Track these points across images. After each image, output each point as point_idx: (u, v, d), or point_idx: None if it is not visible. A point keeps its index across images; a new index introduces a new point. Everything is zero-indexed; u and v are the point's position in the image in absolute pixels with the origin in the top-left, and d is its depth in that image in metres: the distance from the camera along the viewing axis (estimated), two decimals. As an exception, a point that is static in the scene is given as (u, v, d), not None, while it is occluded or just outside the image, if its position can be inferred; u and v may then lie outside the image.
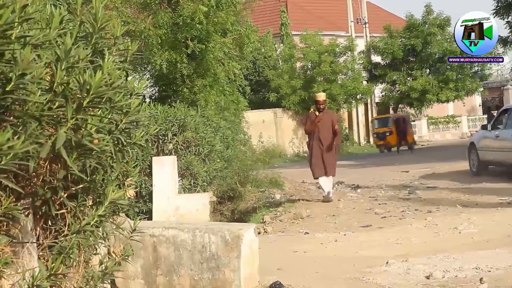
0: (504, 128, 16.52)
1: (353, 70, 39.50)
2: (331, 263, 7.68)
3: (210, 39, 16.73)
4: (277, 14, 44.87)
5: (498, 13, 26.99)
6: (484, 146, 17.42)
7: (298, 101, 38.02)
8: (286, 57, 39.93)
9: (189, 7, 15.72)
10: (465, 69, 39.70)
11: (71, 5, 3.67)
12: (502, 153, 16.15)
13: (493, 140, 16.90)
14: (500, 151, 16.29)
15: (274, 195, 14.91)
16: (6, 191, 2.96)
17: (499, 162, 16.73)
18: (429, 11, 40.39)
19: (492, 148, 16.93)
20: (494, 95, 54.64)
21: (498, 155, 16.54)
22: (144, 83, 3.97)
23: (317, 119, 13.41)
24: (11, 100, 2.86)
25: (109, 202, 3.51)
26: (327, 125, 13.46)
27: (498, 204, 11.59)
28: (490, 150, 17.04)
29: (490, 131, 17.33)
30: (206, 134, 11.51)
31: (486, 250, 7.59)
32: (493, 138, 16.94)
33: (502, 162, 16.37)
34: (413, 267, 6.95)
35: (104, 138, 3.21)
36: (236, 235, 5.57)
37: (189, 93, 17.48)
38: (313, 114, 13.64)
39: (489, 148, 17.15)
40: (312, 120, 13.51)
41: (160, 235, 5.88)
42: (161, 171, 10.17)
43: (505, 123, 16.63)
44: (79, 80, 3.00)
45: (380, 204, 12.94)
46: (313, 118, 13.53)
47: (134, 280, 5.96)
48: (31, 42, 2.89)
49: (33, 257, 3.30)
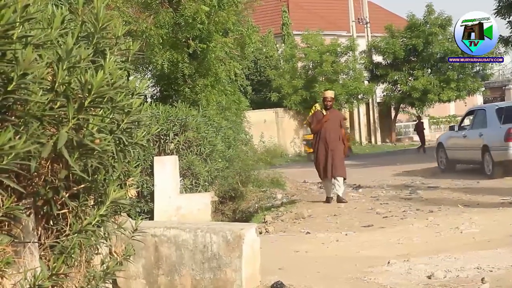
0: (471, 128, 18.31)
1: (354, 70, 39.48)
2: (332, 263, 7.68)
3: (212, 38, 16.73)
4: (278, 14, 44.85)
5: (500, 13, 26.98)
6: (452, 145, 19.08)
7: (299, 101, 38.01)
8: (287, 57, 39.92)
9: (191, 7, 15.71)
10: (467, 69, 39.65)
11: (73, 5, 3.67)
12: (470, 152, 17.71)
13: (460, 140, 18.56)
14: (468, 149, 17.87)
15: (276, 195, 14.91)
16: (8, 191, 2.96)
17: (466, 160, 18.45)
18: (430, 11, 40.35)
19: (460, 147, 18.53)
20: (495, 95, 54.59)
21: (465, 153, 18.18)
22: (146, 83, 3.98)
23: (325, 118, 12.92)
24: (13, 100, 2.86)
25: (111, 202, 3.51)
26: (334, 125, 12.99)
27: (499, 204, 11.59)
28: (458, 149, 18.68)
29: (457, 131, 19.07)
30: (207, 134, 11.51)
31: (488, 250, 7.59)
32: (460, 138, 18.62)
33: (470, 160, 18.07)
34: (414, 267, 6.95)
35: (105, 138, 3.22)
36: (237, 235, 5.57)
37: (190, 93, 17.47)
38: (320, 112, 13.16)
39: (457, 147, 18.78)
40: (319, 119, 13.01)
41: (161, 235, 5.88)
42: (163, 171, 10.17)
43: (472, 124, 18.46)
44: (81, 80, 3.00)
45: (381, 204, 12.94)
46: (320, 117, 13.03)
47: (136, 280, 5.96)
48: (32, 42, 2.89)
49: (34, 257, 3.30)
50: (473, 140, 17.64)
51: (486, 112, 17.80)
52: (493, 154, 16.42)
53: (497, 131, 16.48)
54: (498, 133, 16.36)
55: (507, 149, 15.97)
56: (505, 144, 16.03)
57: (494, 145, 16.48)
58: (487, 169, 16.67)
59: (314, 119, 13.19)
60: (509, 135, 15.98)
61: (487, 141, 16.78)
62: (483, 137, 17.06)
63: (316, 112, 13.38)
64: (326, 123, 12.88)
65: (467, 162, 18.60)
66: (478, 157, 17.05)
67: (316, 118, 13.10)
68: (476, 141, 17.29)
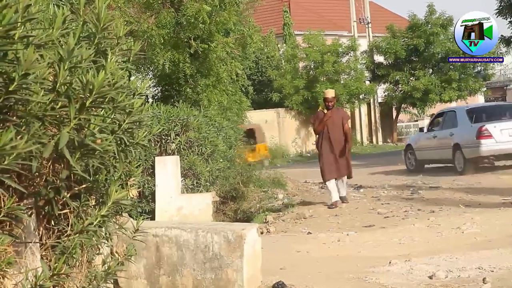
0: (441, 129, 19.64)
1: (355, 70, 39.45)
2: (333, 263, 7.68)
3: (213, 39, 16.73)
4: (279, 14, 44.84)
5: (501, 13, 26.98)
6: (421, 146, 20.25)
7: (300, 101, 38.00)
8: (288, 57, 39.90)
9: (193, 7, 15.71)
10: (468, 69, 39.61)
11: (74, 5, 3.67)
12: (440, 151, 19.03)
13: (430, 141, 19.81)
14: (438, 149, 19.15)
15: (277, 195, 14.90)
16: (9, 191, 2.96)
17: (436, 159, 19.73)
18: (431, 11, 40.31)
19: (430, 147, 19.72)
20: (497, 95, 54.57)
21: (435, 153, 19.45)
22: (147, 83, 3.99)
23: (326, 117, 12.58)
24: (14, 100, 2.86)
25: (112, 202, 3.51)
26: (337, 124, 12.63)
27: (501, 204, 11.58)
28: (428, 149, 19.87)
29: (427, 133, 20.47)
30: (209, 134, 11.50)
31: (489, 250, 7.58)
32: (431, 138, 19.89)
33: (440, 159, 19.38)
34: (416, 267, 6.95)
35: (107, 138, 3.22)
36: (239, 235, 5.57)
37: (192, 93, 17.49)
38: (322, 112, 12.87)
39: (427, 148, 19.95)
40: (321, 119, 12.70)
41: (163, 235, 5.88)
42: (164, 171, 10.17)
43: (442, 125, 19.76)
44: (82, 80, 3.01)
45: (383, 204, 12.93)
46: (322, 116, 12.73)
47: (137, 280, 5.96)
48: (34, 42, 2.90)
49: (36, 257, 3.30)
50: (443, 139, 18.98)
51: (456, 113, 19.38)
52: (465, 151, 17.91)
53: (468, 130, 18.06)
54: (470, 132, 17.93)
55: (478, 146, 17.62)
56: (477, 141, 17.66)
57: (465, 143, 17.96)
58: (458, 166, 18.16)
59: (316, 119, 12.95)
60: (480, 133, 17.64)
61: (458, 140, 18.21)
62: (454, 136, 18.47)
63: (318, 112, 13.18)
64: (329, 122, 12.56)
65: (437, 161, 19.86)
66: (449, 156, 18.48)
67: (318, 118, 12.84)
68: (447, 141, 18.66)
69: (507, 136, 17.80)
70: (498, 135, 17.78)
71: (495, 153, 17.89)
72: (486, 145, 17.69)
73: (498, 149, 17.79)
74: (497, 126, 17.98)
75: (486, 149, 17.76)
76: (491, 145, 17.72)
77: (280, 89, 38.38)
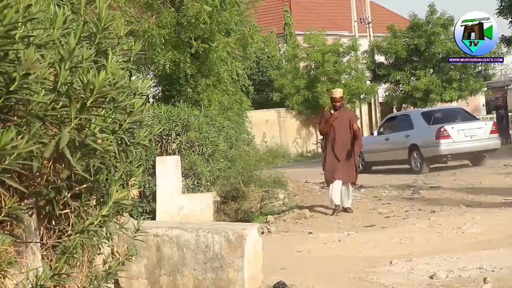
0: (393, 132, 21.21)
1: (356, 70, 39.45)
2: (334, 263, 7.68)
3: (214, 38, 16.72)
4: (280, 14, 44.85)
5: (502, 13, 27.00)
6: (371, 149, 21.22)
7: (301, 101, 38.02)
8: (289, 57, 39.91)
9: (194, 7, 15.70)
10: (469, 69, 39.58)
11: (75, 5, 3.67)
12: (394, 152, 20.51)
13: (382, 143, 21.26)
14: (392, 150, 20.61)
15: (278, 195, 14.90)
16: (10, 191, 2.96)
17: (388, 161, 21.24)
18: (432, 10, 40.28)
19: (382, 149, 21.19)
20: (498, 94, 54.52)
21: (389, 154, 20.92)
22: (148, 83, 3.98)
23: (332, 117, 11.93)
24: (15, 100, 2.86)
25: (113, 202, 3.51)
26: (344, 125, 11.96)
27: (502, 204, 11.58)
28: (379, 151, 21.32)
29: (378, 136, 21.99)
30: (209, 134, 11.50)
31: (490, 250, 7.58)
32: (382, 142, 21.35)
33: (393, 160, 20.83)
34: (416, 267, 6.95)
35: (107, 138, 3.22)
36: (239, 235, 5.57)
37: (192, 93, 17.47)
38: (328, 112, 12.26)
39: (378, 150, 21.35)
40: (327, 119, 12.07)
41: (163, 235, 5.88)
42: (165, 171, 10.17)
43: (395, 128, 21.34)
44: (83, 80, 3.01)
45: (383, 204, 12.93)
46: (328, 117, 12.10)
47: (138, 280, 5.96)
48: (34, 42, 2.90)
49: (36, 257, 3.30)
50: (398, 141, 20.53)
51: (411, 116, 21.22)
52: (424, 151, 19.54)
53: (426, 131, 19.74)
54: (428, 132, 19.60)
55: (438, 145, 19.27)
56: (436, 141, 19.33)
57: (424, 143, 19.58)
58: (415, 165, 19.80)
59: (322, 119, 12.33)
60: (439, 133, 19.34)
61: (415, 140, 19.81)
62: (410, 138, 20.03)
63: (324, 112, 12.62)
64: (336, 123, 11.92)
65: (389, 162, 21.33)
66: (405, 156, 20.09)
67: (324, 118, 12.22)
68: (402, 142, 20.21)
69: (463, 136, 19.53)
70: (456, 135, 19.46)
71: (453, 152, 19.52)
72: (444, 144, 19.34)
73: (455, 148, 19.45)
74: (455, 127, 19.74)
75: (445, 148, 19.36)
76: (449, 145, 19.39)
77: (281, 89, 38.38)
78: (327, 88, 37.33)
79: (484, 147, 20.05)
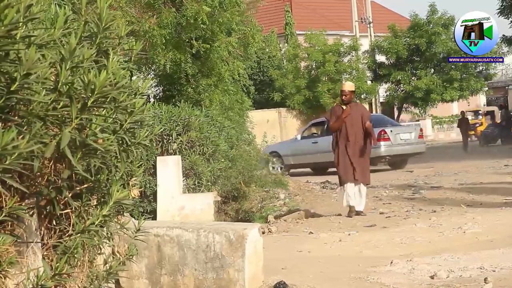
0: (322, 136, 21.98)
1: (357, 70, 39.47)
2: (335, 263, 7.67)
3: (215, 38, 16.71)
4: (281, 14, 44.86)
5: (503, 13, 27.02)
6: (295, 153, 22.85)
7: (302, 101, 38.04)
8: (290, 56, 39.92)
9: (193, 7, 15.69)
10: (470, 69, 39.62)
11: (76, 5, 3.67)
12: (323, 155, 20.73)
13: (309, 147, 22.46)
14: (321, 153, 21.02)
15: (279, 194, 14.91)
16: (11, 191, 2.96)
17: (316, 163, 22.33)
18: (433, 10, 40.32)
19: (309, 153, 22.36)
20: (498, 94, 54.55)
21: (316, 157, 21.81)
22: (149, 82, 3.98)
23: (344, 113, 11.08)
24: (16, 100, 2.86)
25: (114, 202, 3.51)
26: (355, 122, 11.16)
27: (503, 203, 11.58)
28: (305, 155, 22.55)
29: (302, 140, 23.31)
30: (210, 134, 11.49)
31: (491, 250, 7.58)
32: (309, 145, 22.59)
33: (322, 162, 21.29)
34: (417, 267, 6.94)
35: (108, 138, 3.22)
36: (240, 235, 5.57)
37: (193, 93, 17.46)
38: (339, 107, 11.40)
39: (303, 153, 22.62)
40: (338, 116, 11.21)
41: (164, 234, 5.88)
42: (166, 171, 10.17)
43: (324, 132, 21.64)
44: (84, 80, 3.01)
45: (384, 203, 12.93)
46: (339, 112, 11.23)
47: (139, 279, 5.96)
48: (35, 42, 2.90)
49: (37, 257, 3.30)
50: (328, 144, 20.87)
51: None
52: None
53: None
54: None
55: (379, 147, 20.16)
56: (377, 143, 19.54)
57: None
58: None
59: (333, 115, 11.45)
60: (380, 136, 20.38)
61: None
62: None
63: (334, 107, 11.82)
64: (348, 119, 11.11)
65: (317, 165, 22.45)
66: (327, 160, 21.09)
67: (335, 114, 11.34)
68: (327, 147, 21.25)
69: (399, 139, 21.40)
70: (393, 138, 21.17)
71: (391, 153, 21.14)
72: (385, 146, 20.84)
73: (393, 150, 21.12)
74: (393, 130, 21.53)
75: (385, 150, 20.87)
76: (388, 147, 20.98)
77: (282, 89, 38.40)
78: (328, 88, 37.40)
79: (414, 150, 22.11)
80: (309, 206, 13.38)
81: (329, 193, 15.86)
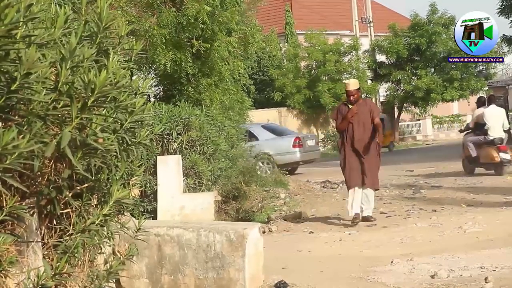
0: None
1: (357, 69, 39.45)
2: (335, 263, 7.67)
3: (216, 38, 16.70)
4: (281, 13, 44.83)
5: (503, 12, 27.00)
6: None
7: (302, 100, 38.03)
8: (290, 56, 39.90)
9: (193, 7, 15.68)
10: (470, 68, 39.61)
11: (76, 5, 3.67)
12: None
13: None
14: None
15: (279, 194, 14.91)
16: (11, 190, 2.96)
17: None
18: (433, 10, 40.31)
19: None
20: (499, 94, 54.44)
21: None
22: (149, 82, 3.98)
23: (350, 113, 10.42)
24: (16, 99, 2.86)
25: (114, 201, 3.51)
26: (364, 120, 10.43)
27: (503, 203, 11.58)
28: None
29: None
30: (210, 133, 11.49)
31: (491, 249, 7.58)
32: None
33: None
34: (417, 266, 6.95)
35: (109, 138, 3.22)
36: (241, 235, 5.57)
37: (193, 92, 17.44)
38: (345, 106, 10.70)
39: None
40: (344, 115, 10.51)
41: (164, 234, 5.88)
42: (166, 170, 10.17)
43: None
44: (84, 79, 3.01)
45: (385, 203, 12.93)
46: (345, 112, 10.56)
47: (139, 279, 5.96)
48: (36, 41, 2.90)
49: (38, 256, 3.31)
50: None
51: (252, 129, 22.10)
52: (278, 159, 21.59)
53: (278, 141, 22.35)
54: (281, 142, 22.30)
55: (294, 153, 22.19)
56: (293, 150, 22.25)
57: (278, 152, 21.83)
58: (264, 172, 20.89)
59: (339, 114, 10.73)
60: (296, 142, 22.29)
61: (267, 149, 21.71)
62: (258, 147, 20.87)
63: (340, 106, 11.03)
64: (354, 119, 10.45)
65: None
66: None
67: (341, 114, 10.66)
68: None
69: (307, 146, 22.98)
70: (304, 145, 22.72)
71: (304, 158, 22.74)
72: (299, 152, 22.40)
73: (305, 155, 22.71)
74: (304, 138, 23.29)
75: (299, 155, 22.41)
76: (301, 153, 22.50)
77: (282, 88, 38.38)
78: (328, 87, 37.39)
79: (315, 156, 23.92)
80: (310, 205, 13.38)
81: (330, 192, 15.85)
